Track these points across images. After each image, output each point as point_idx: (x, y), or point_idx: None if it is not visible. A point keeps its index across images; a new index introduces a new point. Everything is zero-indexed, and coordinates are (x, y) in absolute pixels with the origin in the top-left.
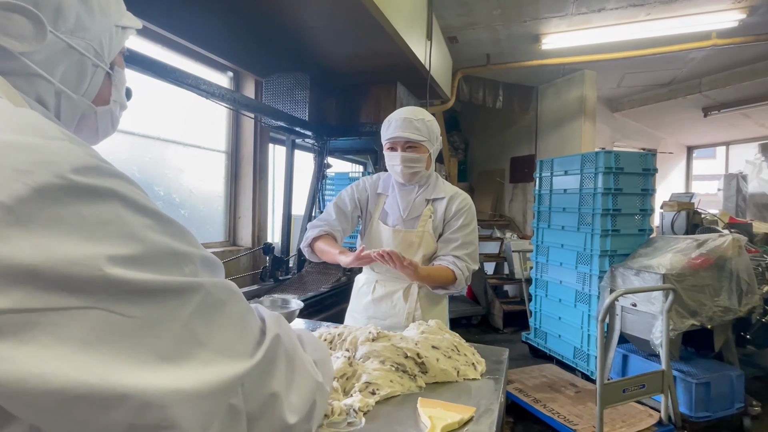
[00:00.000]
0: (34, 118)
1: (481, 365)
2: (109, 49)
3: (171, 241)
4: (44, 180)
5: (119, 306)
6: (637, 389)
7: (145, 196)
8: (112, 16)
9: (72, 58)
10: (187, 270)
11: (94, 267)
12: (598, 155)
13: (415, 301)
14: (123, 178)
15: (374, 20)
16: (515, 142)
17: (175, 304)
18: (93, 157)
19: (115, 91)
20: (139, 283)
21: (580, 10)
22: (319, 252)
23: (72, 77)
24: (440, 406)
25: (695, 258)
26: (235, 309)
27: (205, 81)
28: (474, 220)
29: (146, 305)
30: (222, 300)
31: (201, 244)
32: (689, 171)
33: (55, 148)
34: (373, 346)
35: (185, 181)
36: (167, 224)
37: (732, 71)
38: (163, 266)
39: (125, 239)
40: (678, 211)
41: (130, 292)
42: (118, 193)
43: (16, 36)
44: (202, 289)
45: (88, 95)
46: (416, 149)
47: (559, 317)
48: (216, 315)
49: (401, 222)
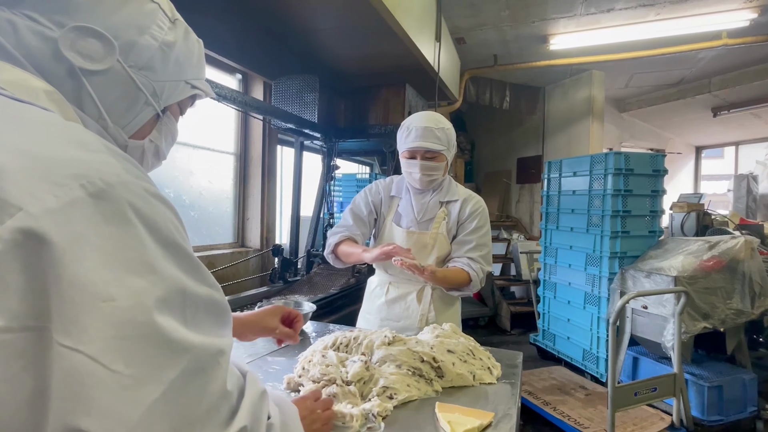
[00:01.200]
0: (79, 132)
1: (497, 369)
2: (170, 95)
3: (182, 277)
4: (75, 195)
5: (107, 353)
6: (648, 392)
7: (170, 220)
8: (187, 73)
9: (128, 89)
10: (188, 314)
11: (103, 295)
12: (608, 156)
13: (428, 303)
14: (152, 198)
15: (384, 22)
16: (522, 142)
17: (164, 363)
18: (128, 173)
19: (156, 132)
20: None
21: (589, 10)
22: (343, 256)
23: (121, 107)
24: (458, 411)
25: (707, 260)
26: (214, 385)
27: (216, 84)
28: (487, 223)
29: (134, 358)
30: (206, 370)
31: (214, 281)
32: (698, 171)
33: (93, 162)
34: (389, 350)
35: (195, 183)
36: (183, 257)
37: (742, 71)
38: (168, 308)
39: (141, 267)
40: (688, 212)
41: (123, 337)
42: (143, 214)
43: (84, 55)
44: (192, 351)
45: (129, 128)
46: (435, 158)
47: (567, 319)
48: (192, 387)
49: (415, 224)
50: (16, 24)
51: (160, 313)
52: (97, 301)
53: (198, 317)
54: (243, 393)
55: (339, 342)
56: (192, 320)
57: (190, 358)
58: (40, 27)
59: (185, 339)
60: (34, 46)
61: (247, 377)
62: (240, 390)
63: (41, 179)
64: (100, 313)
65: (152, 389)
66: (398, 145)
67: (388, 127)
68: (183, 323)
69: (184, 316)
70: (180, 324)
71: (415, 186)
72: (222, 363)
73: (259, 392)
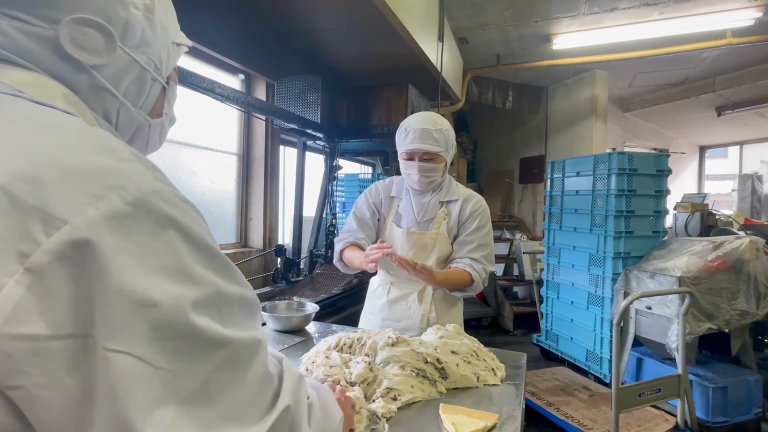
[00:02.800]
0: (107, 139)
1: (501, 370)
2: (167, 64)
3: (217, 279)
4: (115, 206)
5: (151, 352)
6: (652, 393)
7: (200, 223)
8: (170, 34)
9: (135, 72)
10: (224, 313)
11: (146, 301)
12: (611, 156)
13: (429, 303)
14: (183, 204)
15: (387, 22)
16: (525, 142)
17: (201, 358)
18: (159, 181)
19: (167, 104)
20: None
21: (592, 9)
22: (348, 262)
23: (133, 91)
24: (463, 413)
25: (712, 260)
26: (255, 372)
27: (220, 84)
28: (489, 222)
29: (174, 355)
30: (245, 361)
31: (243, 279)
32: (701, 171)
33: (126, 171)
34: (392, 351)
35: (198, 183)
36: (215, 259)
37: (746, 70)
38: (204, 309)
39: (177, 273)
40: (692, 213)
41: (165, 338)
42: (177, 221)
43: (90, 50)
44: (230, 346)
45: (145, 108)
46: (434, 159)
47: (571, 320)
48: (234, 376)
49: (415, 224)
50: (2, 27)
51: (197, 314)
52: (141, 306)
53: (234, 315)
54: (282, 377)
55: (342, 343)
56: (228, 318)
57: (228, 352)
58: (31, 27)
59: (222, 335)
60: (33, 48)
61: (284, 363)
62: (279, 374)
63: (81, 191)
64: (144, 317)
65: (191, 381)
66: (397, 147)
67: (390, 127)
68: (220, 322)
69: (221, 316)
70: (217, 323)
71: (414, 187)
72: (260, 352)
73: (297, 376)
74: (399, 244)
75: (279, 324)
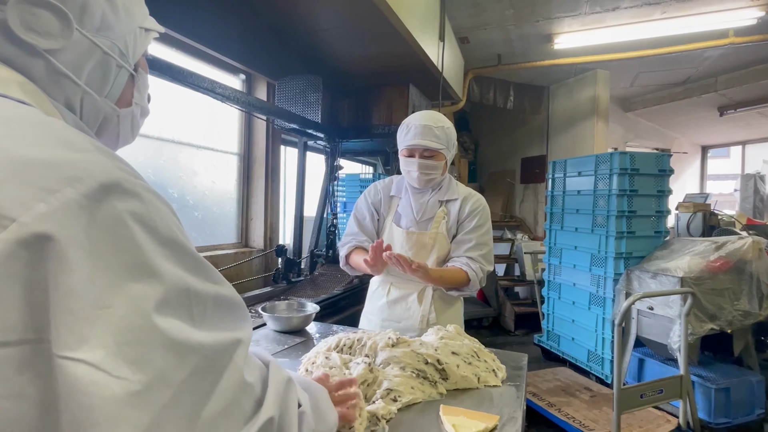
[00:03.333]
0: (63, 129)
1: (502, 372)
2: (134, 50)
3: (186, 276)
4: (69, 199)
5: (109, 360)
6: (654, 394)
7: (168, 217)
8: (137, 18)
9: (96, 57)
10: (196, 313)
11: (99, 303)
12: (613, 156)
13: (429, 303)
14: (148, 194)
15: (388, 22)
16: (526, 142)
17: (169, 365)
18: (122, 171)
19: (137, 93)
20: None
21: (594, 9)
22: (356, 266)
23: (96, 78)
24: (463, 414)
25: (714, 261)
26: (231, 379)
27: (220, 84)
28: (488, 222)
29: (138, 362)
30: (219, 367)
31: (220, 277)
32: (704, 171)
33: (83, 162)
34: (393, 352)
35: (199, 183)
36: (184, 255)
37: (749, 69)
38: (171, 308)
39: (139, 271)
40: (694, 213)
41: (126, 343)
42: (140, 214)
43: (43, 33)
44: (202, 350)
45: (111, 97)
46: (434, 156)
47: (572, 320)
48: (208, 385)
49: (414, 224)
50: None
51: (161, 315)
52: (93, 309)
53: (207, 314)
54: (267, 383)
55: (342, 343)
56: (201, 318)
57: (200, 358)
58: None
59: (192, 339)
60: None
61: (270, 366)
62: (263, 381)
63: (31, 186)
64: (98, 321)
65: (161, 392)
66: (398, 144)
67: (391, 127)
68: (190, 322)
69: (191, 315)
70: (187, 324)
71: (414, 185)
72: (236, 357)
73: (285, 380)
74: (398, 243)
75: (279, 324)
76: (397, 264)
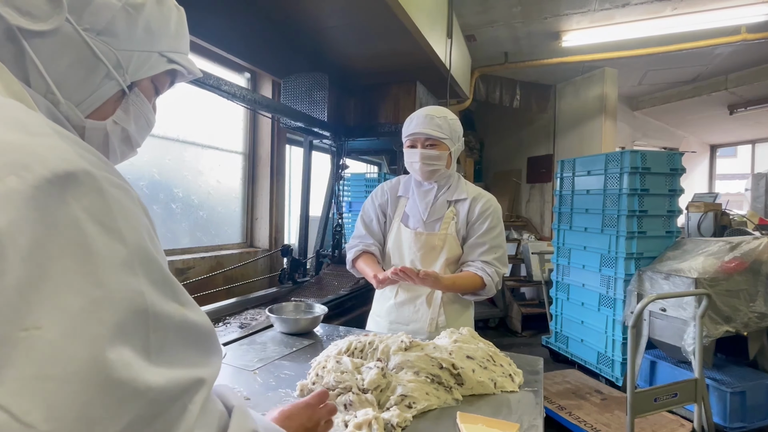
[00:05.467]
0: (18, 110)
1: (519, 376)
2: (138, 68)
3: (148, 293)
4: (10, 188)
5: (20, 400)
6: (669, 398)
7: (134, 217)
8: (159, 43)
9: (83, 56)
10: (153, 341)
11: (24, 321)
12: (624, 155)
13: (438, 306)
14: (112, 191)
15: (396, 19)
16: (532, 141)
17: (100, 413)
18: (84, 159)
19: (122, 113)
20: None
21: (603, 5)
22: (362, 272)
23: (72, 78)
24: (481, 422)
25: (729, 261)
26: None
27: (226, 82)
28: (500, 223)
29: (59, 406)
30: (169, 417)
31: (190, 299)
32: (712, 170)
33: (35, 146)
34: (406, 356)
35: (204, 182)
36: (149, 267)
37: (760, 67)
38: (124, 334)
39: (85, 281)
40: (705, 213)
41: (48, 378)
42: (97, 211)
43: (23, 10)
44: (147, 395)
45: (85, 105)
46: (436, 146)
47: (581, 321)
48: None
49: (422, 224)
50: None
51: (109, 342)
52: (14, 329)
53: (167, 344)
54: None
55: (353, 347)
56: (158, 349)
57: (143, 404)
58: None
59: (140, 378)
60: None
61: (234, 414)
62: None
63: None
64: (18, 345)
65: None
66: (402, 138)
67: (398, 125)
68: (144, 353)
69: (146, 344)
70: (139, 355)
71: (417, 177)
72: (192, 405)
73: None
74: (407, 244)
75: (286, 326)
76: (405, 277)
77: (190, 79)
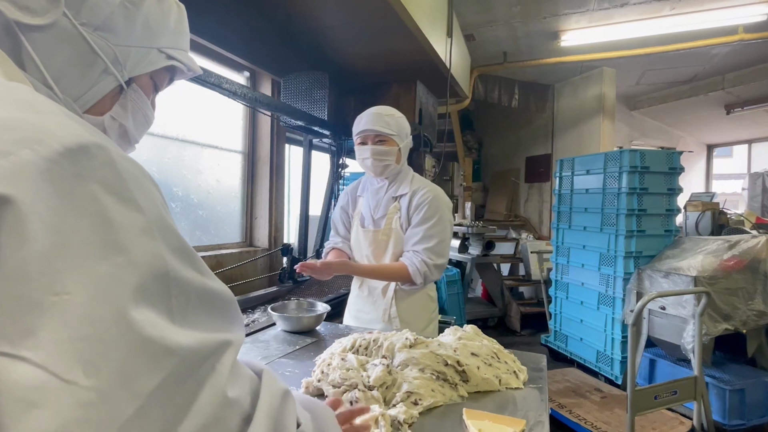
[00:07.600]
0: (25, 92)
1: (523, 373)
2: (136, 64)
3: (167, 258)
4: (24, 161)
5: (59, 360)
6: (669, 396)
7: (147, 188)
8: (158, 39)
9: (81, 50)
10: (176, 305)
11: (55, 287)
12: (623, 154)
13: (390, 299)
14: (124, 162)
15: (397, 18)
16: (531, 141)
17: (137, 370)
18: (93, 135)
19: (119, 108)
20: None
21: (602, 5)
22: None
23: (69, 72)
24: (488, 418)
25: (727, 260)
26: (214, 390)
27: (227, 80)
28: (439, 212)
29: (97, 364)
30: (200, 375)
31: (209, 271)
32: (709, 170)
33: (45, 123)
34: (411, 353)
35: (203, 181)
36: (168, 234)
37: (758, 67)
38: (147, 297)
39: (107, 248)
40: (703, 212)
41: (83, 339)
42: (111, 182)
43: (21, 6)
44: (180, 353)
45: (83, 100)
46: (385, 142)
47: (581, 320)
48: (184, 396)
49: (372, 222)
50: None
51: (134, 304)
52: (46, 294)
53: (190, 309)
54: (258, 396)
55: (358, 344)
56: (181, 313)
57: (176, 362)
58: None
59: (169, 337)
60: None
61: (264, 377)
62: (254, 393)
63: None
64: (51, 309)
65: (123, 405)
66: (353, 136)
67: None
68: (168, 316)
69: (169, 307)
70: (164, 317)
71: (370, 173)
72: (220, 366)
73: (280, 393)
74: (361, 242)
75: (289, 324)
76: (308, 271)
77: (190, 77)
